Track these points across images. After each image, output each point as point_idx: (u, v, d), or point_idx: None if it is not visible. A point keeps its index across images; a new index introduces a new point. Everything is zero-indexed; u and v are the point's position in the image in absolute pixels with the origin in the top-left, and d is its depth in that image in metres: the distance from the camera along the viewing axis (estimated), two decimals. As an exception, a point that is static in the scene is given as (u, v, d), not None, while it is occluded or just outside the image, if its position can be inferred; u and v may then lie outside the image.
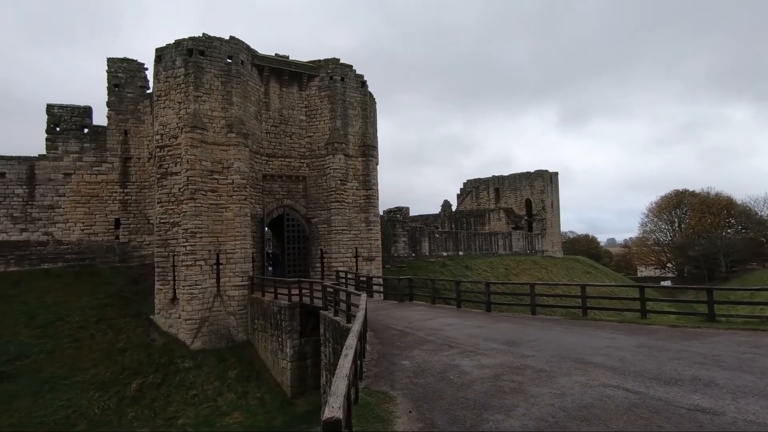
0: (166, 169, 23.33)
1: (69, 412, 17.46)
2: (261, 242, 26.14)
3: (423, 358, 9.54)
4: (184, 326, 21.92)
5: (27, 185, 25.45)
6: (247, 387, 19.75)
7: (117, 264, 26.55)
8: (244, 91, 24.96)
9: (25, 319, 21.38)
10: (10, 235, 24.94)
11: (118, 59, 27.59)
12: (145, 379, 19.42)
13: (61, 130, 26.30)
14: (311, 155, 27.99)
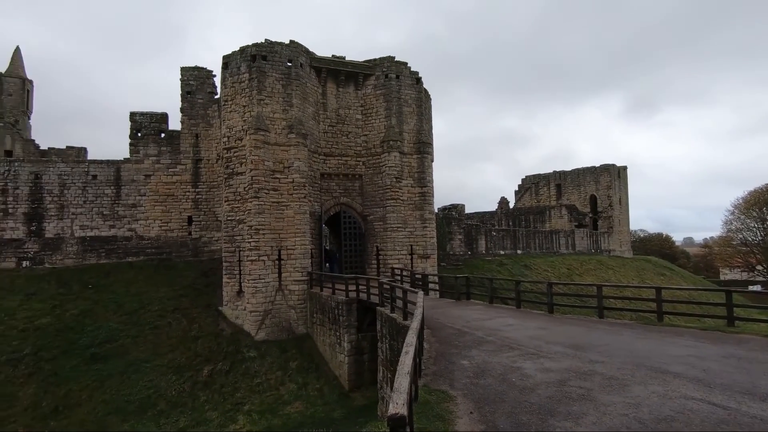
0: (233, 169, 24.76)
1: (150, 392, 19.16)
2: (319, 239, 26.96)
3: (482, 359, 9.34)
4: (249, 318, 23.19)
5: (114, 186, 28.19)
6: (307, 378, 20.50)
7: (190, 258, 28.64)
8: (303, 93, 25.82)
9: (114, 306, 23.73)
10: (101, 231, 27.78)
11: (189, 68, 29.68)
12: (215, 365, 20.82)
13: (142, 135, 28.81)
14: (367, 153, 28.37)
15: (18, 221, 26.64)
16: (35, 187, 27.02)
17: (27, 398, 18.35)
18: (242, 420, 17.86)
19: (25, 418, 17.59)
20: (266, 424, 17.66)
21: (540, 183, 62.04)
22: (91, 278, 25.76)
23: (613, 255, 52.92)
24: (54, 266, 26.58)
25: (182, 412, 18.37)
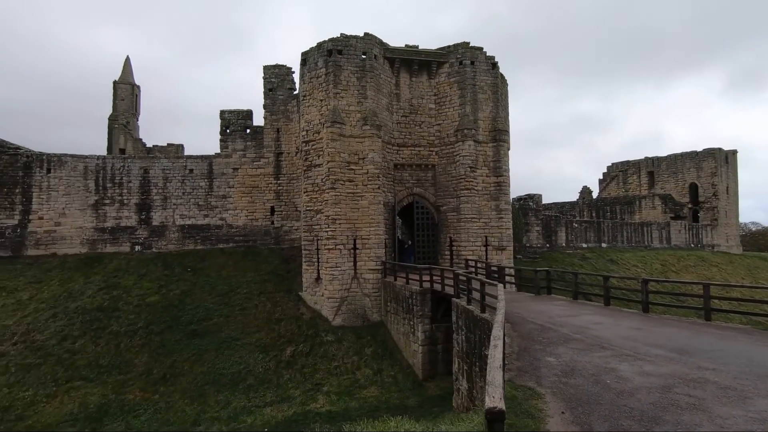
0: (311, 161, 25.86)
1: (240, 368, 20.91)
2: (392, 229, 27.28)
3: (570, 357, 8.84)
4: (327, 304, 24.25)
5: (207, 179, 30.89)
6: (381, 365, 21.02)
7: (272, 246, 30.59)
8: (376, 85, 26.09)
9: (209, 288, 26.16)
10: (197, 219, 30.67)
11: (271, 66, 31.37)
12: (297, 347, 22.12)
13: (231, 132, 31.14)
14: (440, 143, 28.00)
15: (131, 211, 30.33)
16: (144, 181, 30.52)
17: (141, 365, 21.00)
18: (322, 400, 18.83)
19: (140, 382, 20.16)
20: (344, 405, 18.43)
21: (629, 170, 56.88)
22: (189, 262, 28.61)
23: (717, 251, 47.11)
24: (159, 251, 29.92)
25: (268, 388, 19.83)
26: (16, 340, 21.92)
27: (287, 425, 17.26)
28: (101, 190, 30.12)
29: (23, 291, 25.38)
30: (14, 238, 29.00)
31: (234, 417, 18.00)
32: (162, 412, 18.41)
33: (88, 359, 21.13)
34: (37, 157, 29.90)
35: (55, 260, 28.36)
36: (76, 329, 22.70)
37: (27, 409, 18.50)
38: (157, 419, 17.98)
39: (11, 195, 29.32)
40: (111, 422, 17.87)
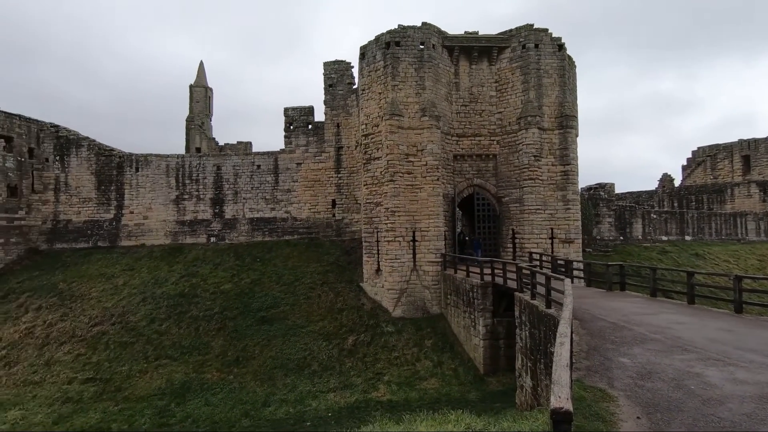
0: (370, 155, 26.17)
1: (306, 354, 21.90)
2: (452, 221, 26.90)
3: (647, 359, 8.19)
4: (387, 295, 24.57)
5: (273, 174, 32.46)
6: (441, 357, 20.93)
7: (334, 238, 31.51)
8: (435, 75, 25.70)
9: (276, 278, 27.60)
10: (264, 213, 32.39)
11: (330, 62, 32.06)
12: (358, 336, 22.69)
13: (294, 128, 32.39)
14: (502, 132, 27.01)
15: (207, 205, 32.75)
16: (217, 177, 32.77)
17: (217, 348, 22.74)
18: (383, 389, 19.18)
19: (217, 363, 21.85)
20: (404, 396, 18.65)
21: (718, 155, 51.11)
22: (258, 253, 30.36)
23: (830, 244, 40.92)
24: (231, 242, 32.05)
25: (331, 374, 20.58)
26: (114, 320, 24.69)
27: (350, 411, 17.82)
28: (181, 186, 32.82)
29: (119, 277, 28.48)
30: (111, 230, 32.59)
31: (300, 400, 18.93)
32: (236, 392, 19.84)
33: (173, 340, 23.27)
34: (127, 158, 33.23)
35: (144, 250, 31.46)
36: (162, 313, 25.07)
37: (124, 381, 20.83)
38: (231, 398, 19.41)
39: (107, 192, 32.92)
40: (192, 398, 19.58)
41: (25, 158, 31.69)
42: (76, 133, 33.61)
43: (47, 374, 21.50)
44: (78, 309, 25.67)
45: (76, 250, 31.73)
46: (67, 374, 21.40)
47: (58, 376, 21.32)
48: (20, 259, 30.69)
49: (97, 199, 32.80)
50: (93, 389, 20.41)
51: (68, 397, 20.02)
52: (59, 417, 18.82)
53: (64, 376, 21.28)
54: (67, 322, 24.71)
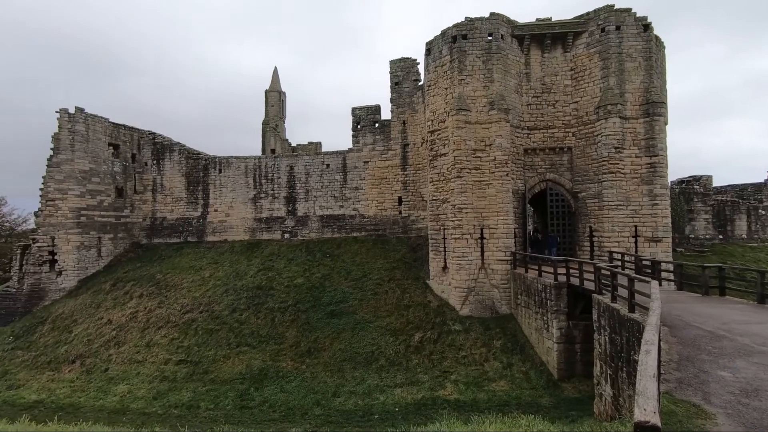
0: (436, 151, 25.93)
1: (373, 348, 22.35)
2: (523, 218, 25.81)
3: (754, 374, 7.23)
4: (454, 293, 24.25)
5: (342, 172, 33.46)
6: (511, 359, 20.23)
7: (400, 235, 31.75)
8: (504, 66, 24.77)
9: (345, 273, 28.47)
10: (333, 210, 33.53)
11: (396, 60, 32.24)
12: (425, 333, 22.68)
13: (361, 127, 33.09)
14: (578, 123, 25.33)
15: (281, 203, 34.67)
16: (290, 177, 34.53)
17: (291, 338, 24.02)
18: (450, 387, 19.00)
19: (290, 353, 23.09)
20: (472, 396, 18.31)
21: None
22: (327, 249, 31.52)
23: None
24: (303, 238, 33.61)
25: (398, 370, 20.81)
26: (202, 309, 27.10)
27: (417, 408, 17.91)
28: (258, 185, 35.06)
29: (205, 270, 31.18)
30: (198, 226, 35.76)
31: (368, 393, 19.39)
32: (308, 381, 20.83)
33: (251, 329, 25.00)
34: (211, 160, 36.19)
35: (226, 245, 34.11)
36: (242, 303, 27.02)
37: (210, 365, 22.81)
38: (304, 387, 20.42)
39: (195, 192, 36.14)
40: (269, 384, 20.91)
41: (129, 163, 35.83)
42: (169, 140, 37.30)
43: (148, 354, 24.20)
44: (172, 297, 28.54)
45: (170, 245, 35.30)
46: (164, 355, 23.92)
47: (156, 357, 23.91)
48: (126, 252, 34.83)
49: (187, 199, 36.15)
50: (185, 370, 22.60)
51: (164, 376, 22.37)
52: (158, 393, 21.12)
53: (161, 357, 23.81)
54: (163, 308, 27.59)
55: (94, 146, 33.10)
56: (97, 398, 21.31)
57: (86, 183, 32.52)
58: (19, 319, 29.62)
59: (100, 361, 24.29)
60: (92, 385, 22.53)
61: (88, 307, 28.93)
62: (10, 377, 24.13)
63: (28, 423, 6.06)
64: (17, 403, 21.42)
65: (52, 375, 23.86)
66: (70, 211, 31.73)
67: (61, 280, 31.38)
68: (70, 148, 31.86)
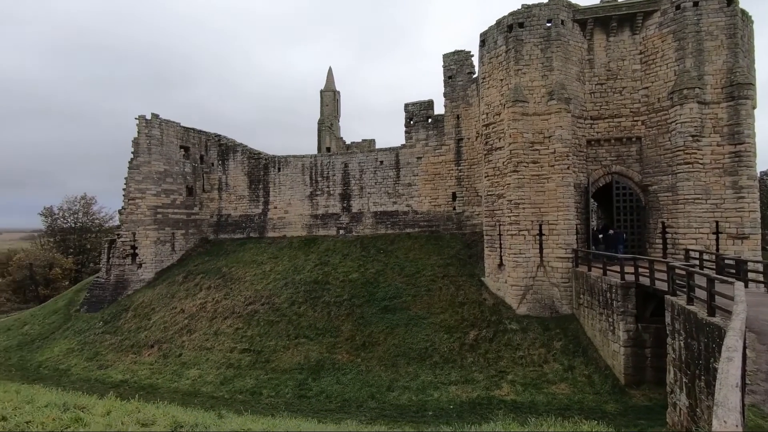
0: (491, 145, 25.23)
1: (427, 345, 22.29)
2: (585, 214, 24.42)
3: None
4: (510, 291, 23.52)
5: (395, 169, 33.59)
6: (573, 361, 19.27)
7: (454, 231, 31.31)
8: (564, 53, 23.50)
9: (398, 269, 28.62)
10: (387, 206, 33.78)
11: (450, 53, 31.71)
12: (480, 332, 22.24)
13: (414, 123, 32.98)
14: (648, 110, 23.46)
15: (336, 200, 35.52)
16: (345, 174, 35.26)
17: (346, 332, 24.59)
18: (506, 388, 18.50)
19: (346, 346, 23.65)
20: (530, 397, 17.70)
21: None
22: (381, 245, 31.84)
23: None
24: (358, 234, 34.20)
25: (453, 367, 20.59)
26: (263, 301, 28.53)
27: (471, 406, 17.64)
28: (314, 183, 36.18)
29: (266, 264, 32.76)
30: (260, 223, 37.62)
31: (422, 389, 19.39)
32: (363, 374, 21.23)
33: (309, 322, 25.92)
34: (271, 159, 37.87)
35: (285, 241, 35.59)
36: (300, 297, 28.08)
37: (271, 355, 23.97)
38: (359, 380, 20.84)
39: (257, 190, 38.03)
40: (326, 375, 21.58)
41: (198, 164, 38.46)
42: (232, 141, 39.52)
43: (215, 342, 25.93)
44: (236, 290, 30.32)
45: (234, 240, 37.49)
46: (229, 344, 25.50)
47: (223, 345, 25.55)
48: (195, 246, 37.49)
49: (249, 197, 38.15)
50: (248, 359, 23.95)
51: (230, 363, 23.86)
52: (224, 379, 22.58)
53: (227, 345, 25.40)
54: (229, 300, 29.39)
55: (168, 149, 35.89)
56: (172, 380, 23.21)
57: (161, 183, 35.36)
58: (107, 306, 32.96)
59: (175, 346, 26.41)
60: (168, 368, 24.57)
61: (163, 297, 31.54)
62: (100, 358, 26.97)
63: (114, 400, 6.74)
64: (106, 381, 23.90)
65: (135, 357, 26.33)
66: (148, 209, 34.70)
67: (141, 271, 34.47)
68: (148, 152, 34.79)
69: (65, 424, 5.20)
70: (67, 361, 27.31)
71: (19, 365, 27.58)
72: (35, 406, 6.06)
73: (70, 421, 5.29)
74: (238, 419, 5.80)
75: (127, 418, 5.50)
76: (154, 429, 5.07)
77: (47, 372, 26.00)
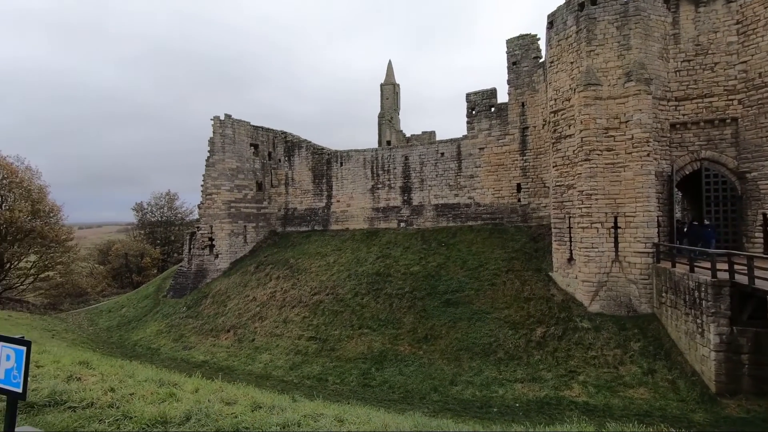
0: (560, 132, 23.86)
1: (491, 340, 21.79)
2: (668, 205, 22.33)
3: None
4: (581, 287, 22.23)
5: (456, 160, 33.00)
6: (653, 365, 17.82)
7: (519, 223, 30.16)
8: (644, 30, 21.51)
9: (460, 262, 28.19)
10: (448, 199, 33.33)
11: (514, 38, 30.36)
12: (547, 329, 21.30)
13: (476, 113, 32.10)
14: (746, 87, 20.81)
15: (396, 193, 35.71)
16: (405, 167, 35.28)
17: (408, 324, 24.75)
18: (577, 389, 17.58)
19: (408, 338, 23.82)
20: (604, 400, 16.68)
21: None
22: (442, 238, 31.53)
23: None
24: (418, 227, 34.15)
25: (518, 365, 19.95)
26: (328, 292, 29.55)
27: (539, 406, 17.00)
28: (375, 176, 36.62)
29: (330, 256, 33.85)
30: (323, 216, 38.90)
31: (486, 385, 19.03)
32: (425, 367, 21.28)
33: (372, 313, 26.42)
34: (334, 154, 38.89)
35: (348, 234, 36.48)
36: (363, 288, 28.69)
37: (336, 344, 24.81)
38: (421, 372, 20.92)
39: (320, 184, 39.31)
40: (388, 366, 21.92)
41: (266, 160, 40.53)
42: (297, 137, 41.12)
43: (284, 330, 27.35)
44: (302, 280, 31.68)
45: (300, 233, 39.14)
46: (297, 331, 26.77)
47: (291, 332, 26.89)
48: (265, 238, 39.68)
49: (313, 191, 39.55)
50: (314, 346, 24.99)
51: (298, 350, 25.05)
52: (293, 364, 23.78)
53: (295, 333, 26.69)
54: (296, 290, 30.81)
55: (239, 147, 38.20)
56: (246, 363, 24.89)
57: (234, 179, 37.78)
58: (189, 293, 36.02)
59: (248, 332, 28.25)
60: (242, 352, 26.37)
61: (237, 286, 33.82)
62: (184, 339, 29.61)
63: (200, 379, 7.36)
64: (190, 361, 26.20)
65: (213, 341, 28.58)
66: (223, 204, 37.27)
67: (218, 261, 37.20)
68: (222, 150, 37.28)
69: (162, 398, 5.77)
70: (157, 341, 30.32)
71: (119, 343, 31.11)
72: (136, 380, 6.79)
73: (165, 395, 5.86)
74: (310, 404, 6.06)
75: (212, 396, 5.98)
76: (237, 407, 5.45)
77: (141, 350, 29.06)
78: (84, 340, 30.28)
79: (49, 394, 5.74)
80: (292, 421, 5.06)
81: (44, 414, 5.36)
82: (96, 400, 5.63)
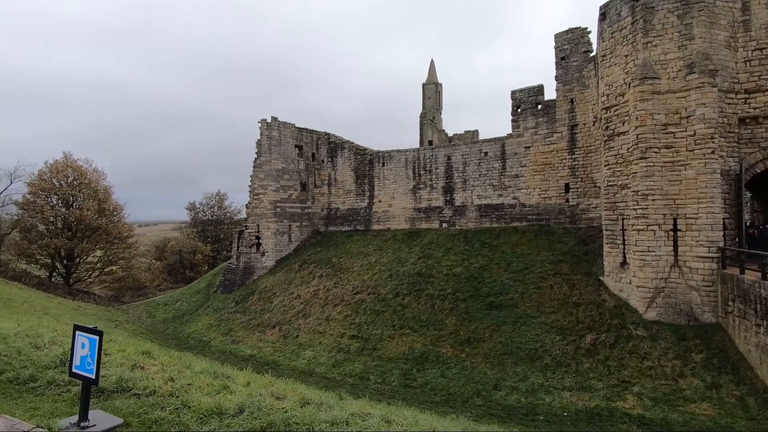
0: (613, 130, 22.68)
1: (537, 345, 21.08)
2: (737, 206, 20.61)
3: None
4: (636, 293, 21.01)
5: (500, 160, 32.22)
6: (718, 379, 16.52)
7: (567, 225, 28.97)
8: (709, 17, 19.99)
9: (504, 264, 27.49)
10: (491, 199, 32.61)
11: (563, 32, 29.21)
12: (598, 336, 20.31)
13: (521, 110, 31.19)
14: (831, 76, 18.80)
15: (438, 193, 35.39)
16: (447, 167, 34.89)
17: (450, 326, 24.45)
18: (632, 401, 16.63)
19: (450, 340, 23.53)
20: (662, 414, 15.67)
21: None
22: (486, 239, 30.89)
23: None
24: (461, 228, 33.66)
25: (566, 372, 19.17)
26: (369, 291, 29.78)
27: (589, 416, 16.25)
28: (417, 176, 36.49)
29: (371, 256, 34.11)
30: (365, 216, 39.26)
31: (532, 392, 18.43)
32: (468, 370, 20.93)
33: (413, 313, 26.35)
34: (375, 155, 39.15)
35: (389, 233, 36.60)
36: (404, 288, 28.67)
37: (377, 343, 24.96)
38: (464, 375, 20.59)
39: (362, 184, 39.71)
40: (430, 368, 21.76)
41: (310, 161, 41.49)
42: (340, 138, 41.76)
43: (327, 327, 27.87)
44: (345, 279, 32.14)
45: (342, 232, 39.74)
46: (339, 330, 27.18)
47: (333, 330, 27.35)
48: (308, 238, 40.63)
49: (355, 191, 40.01)
50: (356, 345, 25.26)
51: (340, 348, 25.44)
52: (335, 362, 24.17)
53: (337, 331, 27.12)
54: (338, 288, 31.30)
55: (285, 148, 39.35)
56: (291, 359, 25.59)
57: (280, 180, 38.96)
58: (237, 289, 37.55)
59: (292, 329, 29.04)
60: (287, 348, 27.14)
61: (282, 283, 34.85)
62: (233, 334, 30.91)
63: (252, 372, 7.64)
64: (238, 354, 27.30)
65: (260, 336, 29.62)
66: (269, 203, 38.54)
67: (264, 259, 38.52)
68: (268, 151, 38.56)
69: (216, 389, 6.04)
70: (208, 334, 31.86)
71: (174, 335, 32.97)
72: (193, 371, 7.16)
73: (220, 387, 6.14)
74: (357, 402, 6.13)
75: (263, 390, 6.18)
76: (287, 402, 5.60)
77: (194, 342, 30.64)
78: (143, 331, 32.36)
79: (116, 381, 6.18)
80: (340, 419, 5.13)
81: (113, 399, 5.77)
82: (158, 388, 6.00)
